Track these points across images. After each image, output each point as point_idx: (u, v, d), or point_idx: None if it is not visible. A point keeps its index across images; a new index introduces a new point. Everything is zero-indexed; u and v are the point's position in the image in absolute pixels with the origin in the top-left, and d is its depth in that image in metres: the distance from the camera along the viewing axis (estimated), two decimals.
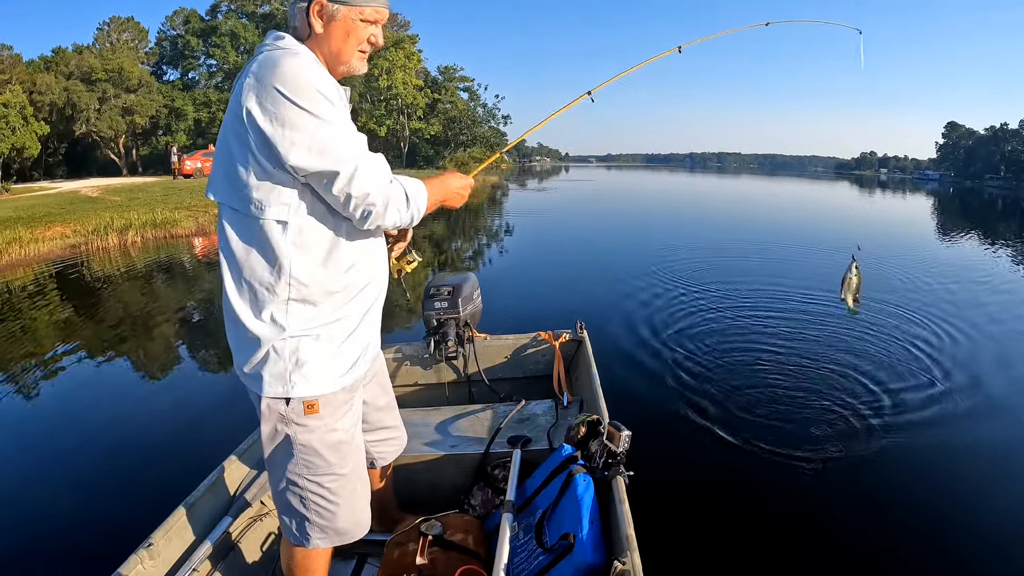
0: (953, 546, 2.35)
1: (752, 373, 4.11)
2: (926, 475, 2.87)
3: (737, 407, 3.54)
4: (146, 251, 11.04)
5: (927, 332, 5.06)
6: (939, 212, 24.59)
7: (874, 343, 4.76)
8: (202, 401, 3.99)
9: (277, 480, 1.36)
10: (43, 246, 10.60)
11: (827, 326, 5.23)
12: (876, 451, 3.05)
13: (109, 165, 34.23)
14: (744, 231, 12.94)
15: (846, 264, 2.36)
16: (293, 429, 1.29)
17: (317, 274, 1.24)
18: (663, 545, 2.06)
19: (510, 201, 24.77)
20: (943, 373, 4.12)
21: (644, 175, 71.66)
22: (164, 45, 41.08)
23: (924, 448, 3.10)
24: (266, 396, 1.26)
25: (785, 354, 4.48)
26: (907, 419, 3.40)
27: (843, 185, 52.99)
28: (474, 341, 2.69)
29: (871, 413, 3.45)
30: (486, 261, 9.47)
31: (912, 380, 3.98)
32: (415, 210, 1.30)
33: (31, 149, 23.96)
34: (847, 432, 3.24)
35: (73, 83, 30.38)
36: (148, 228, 12.16)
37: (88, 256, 10.47)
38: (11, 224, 11.39)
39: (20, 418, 3.91)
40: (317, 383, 1.28)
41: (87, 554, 2.25)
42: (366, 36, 1.27)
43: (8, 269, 9.44)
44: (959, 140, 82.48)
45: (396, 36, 40.27)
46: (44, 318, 6.43)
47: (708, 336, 4.96)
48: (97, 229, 11.51)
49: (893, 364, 4.26)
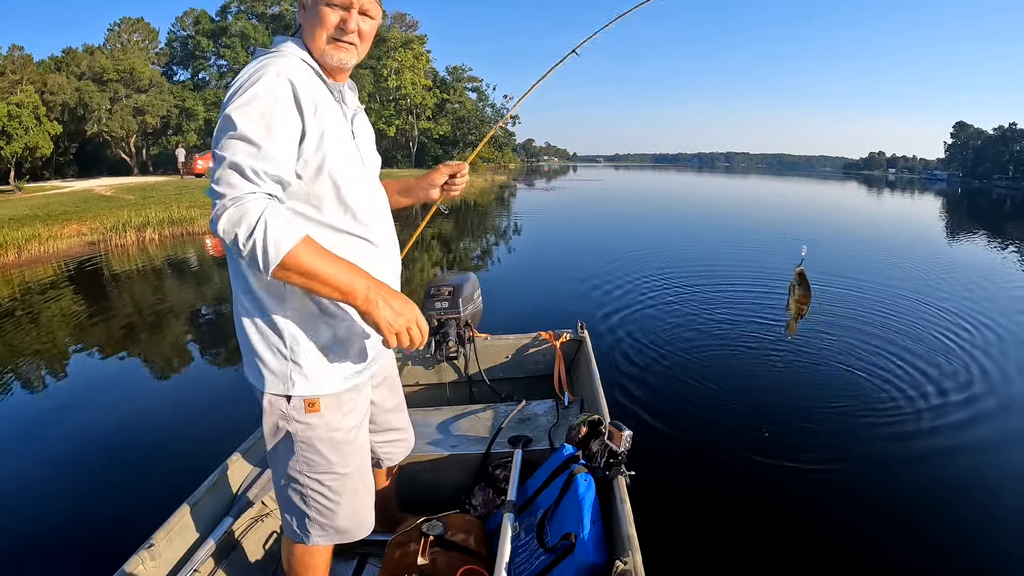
0: (953, 546, 2.34)
1: (753, 373, 4.09)
2: (929, 475, 2.84)
3: (738, 407, 3.52)
4: (164, 248, 11.22)
5: (929, 333, 5.01)
6: (947, 213, 24.31)
7: (885, 344, 4.72)
8: (207, 398, 4.01)
9: (279, 476, 1.36)
10: (62, 243, 10.80)
11: (830, 327, 5.19)
12: (878, 451, 3.03)
13: (119, 164, 34.57)
14: (748, 231, 12.85)
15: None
16: (294, 426, 1.29)
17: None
18: (664, 545, 2.06)
19: (517, 201, 24.76)
20: (953, 375, 4.07)
21: (652, 175, 71.37)
22: (174, 46, 41.49)
23: (926, 449, 3.07)
24: (268, 392, 1.27)
25: (787, 355, 4.45)
26: (908, 420, 3.37)
27: (851, 185, 52.54)
28: (475, 341, 2.69)
29: (874, 414, 3.43)
30: (487, 261, 9.45)
31: (921, 382, 3.94)
32: (264, 254, 1.06)
33: (44, 149, 24.24)
34: (850, 432, 3.22)
35: (85, 83, 30.72)
36: (165, 225, 12.42)
37: (107, 253, 10.65)
38: (29, 222, 11.60)
39: (23, 413, 3.94)
40: (317, 383, 1.28)
41: (88, 554, 2.26)
42: (335, 22, 1.21)
43: (28, 265, 9.62)
44: (968, 140, 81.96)
45: (405, 37, 40.42)
46: (57, 313, 6.51)
47: (709, 336, 4.93)
48: (116, 226, 11.79)
49: (903, 366, 4.21)
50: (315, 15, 1.22)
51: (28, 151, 23.65)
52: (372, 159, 1.42)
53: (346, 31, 1.23)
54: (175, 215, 12.85)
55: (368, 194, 1.34)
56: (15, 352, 5.17)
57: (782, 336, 4.86)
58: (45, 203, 15.74)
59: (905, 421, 3.36)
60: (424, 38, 42.85)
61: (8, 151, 22.54)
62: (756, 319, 5.46)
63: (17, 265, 9.63)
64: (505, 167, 51.96)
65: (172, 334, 5.78)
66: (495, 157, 48.78)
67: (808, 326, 5.25)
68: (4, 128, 22.02)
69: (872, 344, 4.69)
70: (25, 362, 4.92)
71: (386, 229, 1.40)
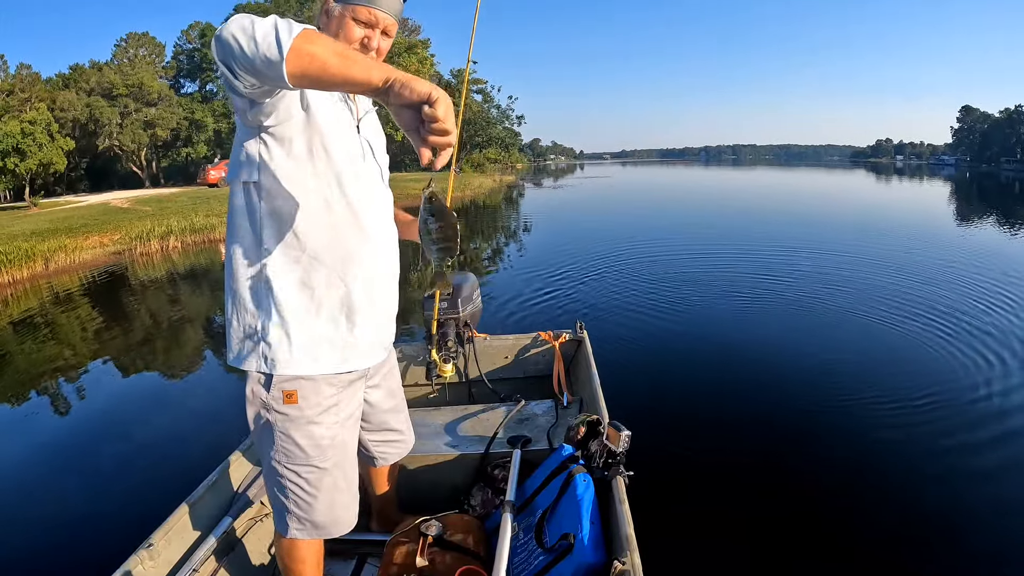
0: (956, 545, 2.30)
1: (754, 373, 4.04)
2: (931, 475, 2.78)
3: (738, 406, 3.49)
4: (187, 255, 11.53)
5: (930, 333, 4.87)
6: (957, 199, 23.88)
7: (886, 337, 4.65)
8: (208, 398, 4.05)
9: (264, 466, 1.39)
10: (87, 254, 11.23)
11: (831, 324, 5.13)
12: (880, 452, 2.97)
13: (130, 178, 35.10)
14: (752, 228, 12.69)
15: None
16: (273, 416, 1.30)
17: (289, 250, 1.25)
18: (663, 545, 2.03)
19: (525, 200, 24.79)
20: (956, 375, 3.97)
21: (658, 170, 71.10)
22: (181, 59, 41.99)
23: (930, 451, 3.00)
24: (250, 373, 1.29)
25: (787, 355, 4.40)
26: (909, 421, 3.29)
27: (859, 174, 51.91)
28: (474, 341, 2.69)
29: (875, 415, 3.36)
30: (487, 261, 9.46)
31: (922, 381, 3.85)
32: (273, 30, 0.92)
33: (58, 164, 24.65)
34: (851, 432, 3.17)
35: (95, 99, 31.23)
36: (187, 233, 12.83)
37: (132, 262, 10.96)
38: (52, 235, 11.98)
39: (23, 416, 4.01)
40: (291, 364, 1.27)
41: (87, 553, 2.28)
42: (358, 37, 1.27)
43: (55, 275, 9.93)
44: (974, 124, 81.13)
45: (408, 41, 40.59)
46: (74, 321, 6.67)
47: (709, 337, 4.90)
48: (141, 235, 12.28)
49: (907, 368, 4.12)
50: (340, 27, 1.26)
51: (42, 167, 24.07)
52: (379, 156, 1.44)
53: (368, 48, 1.29)
54: (196, 224, 13.23)
55: (369, 190, 1.35)
56: (31, 361, 5.26)
57: (784, 337, 4.81)
58: (64, 216, 16.11)
59: (912, 421, 3.29)
60: (428, 42, 43.03)
61: (23, 167, 22.96)
62: (756, 319, 5.43)
63: (46, 276, 9.98)
64: (512, 167, 52.01)
65: (182, 336, 5.89)
66: (502, 158, 48.87)
67: (810, 323, 5.20)
68: (18, 145, 22.43)
69: (874, 345, 4.61)
70: (40, 368, 5.02)
71: (386, 230, 1.41)
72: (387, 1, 1.28)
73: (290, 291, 1.26)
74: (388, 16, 1.29)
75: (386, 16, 1.28)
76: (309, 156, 1.23)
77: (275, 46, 0.90)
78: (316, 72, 0.92)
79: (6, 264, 9.55)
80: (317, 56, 0.91)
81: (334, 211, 1.27)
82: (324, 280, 1.28)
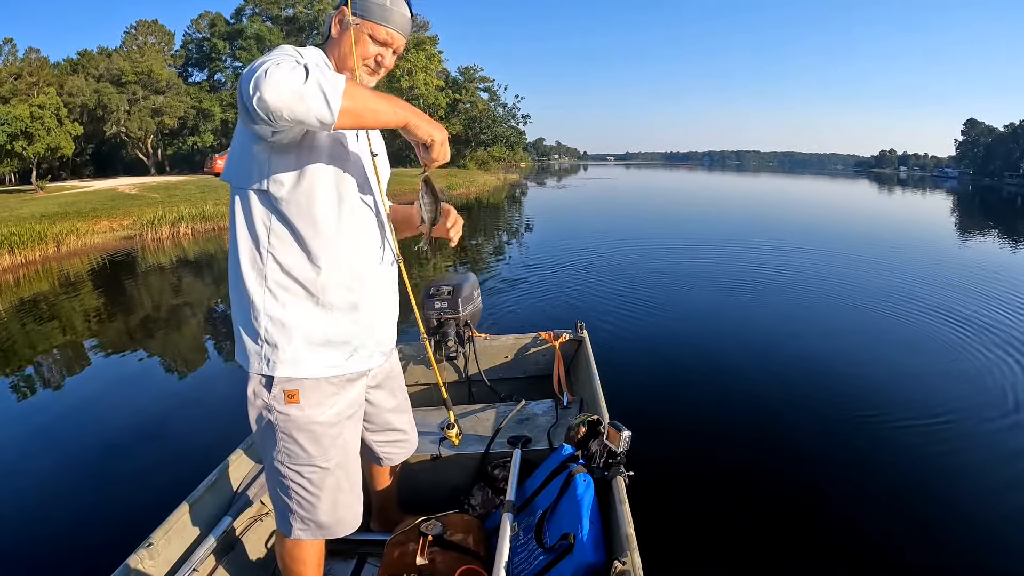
0: (955, 546, 2.30)
1: (754, 374, 4.05)
2: (933, 476, 2.79)
3: (739, 407, 3.50)
4: (196, 242, 11.56)
5: (931, 337, 4.88)
6: (959, 212, 23.85)
7: (886, 339, 4.67)
8: (209, 396, 4.04)
9: (266, 467, 1.39)
10: (97, 238, 11.29)
11: (832, 325, 5.13)
12: (879, 451, 2.99)
13: (135, 164, 35.13)
14: (753, 231, 12.70)
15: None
16: (275, 416, 1.31)
17: (293, 253, 1.26)
18: (663, 545, 2.04)
19: (527, 199, 24.75)
20: (958, 376, 4.00)
21: (661, 174, 70.97)
22: (190, 48, 41.98)
23: (931, 451, 3.02)
24: (252, 373, 1.30)
25: (788, 355, 4.41)
26: (909, 422, 3.32)
27: (863, 183, 51.81)
28: (474, 341, 2.68)
29: (876, 414, 3.39)
30: (487, 260, 9.44)
31: (924, 383, 3.88)
32: (320, 92, 1.02)
33: (65, 149, 24.64)
34: (852, 432, 3.18)
35: (103, 85, 31.24)
36: (198, 221, 12.90)
37: (143, 247, 11.00)
38: (60, 219, 11.98)
39: (22, 411, 3.99)
40: (296, 364, 1.28)
41: (87, 553, 2.28)
42: (373, 54, 1.31)
43: (66, 258, 9.97)
44: (979, 137, 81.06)
45: (417, 38, 40.52)
46: (77, 308, 6.65)
47: (709, 336, 4.91)
48: (152, 221, 12.38)
49: (911, 369, 4.15)
50: (357, 42, 1.29)
51: (50, 151, 24.08)
52: (382, 165, 1.44)
53: (380, 64, 1.34)
54: (207, 211, 13.30)
55: (372, 197, 1.37)
56: (31, 346, 5.27)
57: (784, 337, 4.82)
58: (72, 200, 16.12)
59: (912, 421, 3.31)
60: (436, 39, 42.95)
61: (31, 151, 22.97)
62: (757, 319, 5.43)
63: (57, 258, 10.02)
64: (517, 166, 51.98)
65: (184, 329, 5.88)
66: (507, 156, 48.84)
67: (810, 325, 5.20)
68: (26, 129, 22.44)
69: (874, 345, 4.62)
70: (41, 355, 5.02)
71: (387, 234, 1.42)
72: (404, 23, 1.32)
73: (292, 294, 1.28)
74: (403, 37, 1.34)
75: (401, 38, 1.33)
76: (317, 164, 1.25)
77: (326, 110, 1.03)
78: (353, 123, 1.11)
79: (19, 245, 9.61)
80: (360, 113, 1.10)
81: (339, 217, 1.29)
82: (326, 283, 1.29)
